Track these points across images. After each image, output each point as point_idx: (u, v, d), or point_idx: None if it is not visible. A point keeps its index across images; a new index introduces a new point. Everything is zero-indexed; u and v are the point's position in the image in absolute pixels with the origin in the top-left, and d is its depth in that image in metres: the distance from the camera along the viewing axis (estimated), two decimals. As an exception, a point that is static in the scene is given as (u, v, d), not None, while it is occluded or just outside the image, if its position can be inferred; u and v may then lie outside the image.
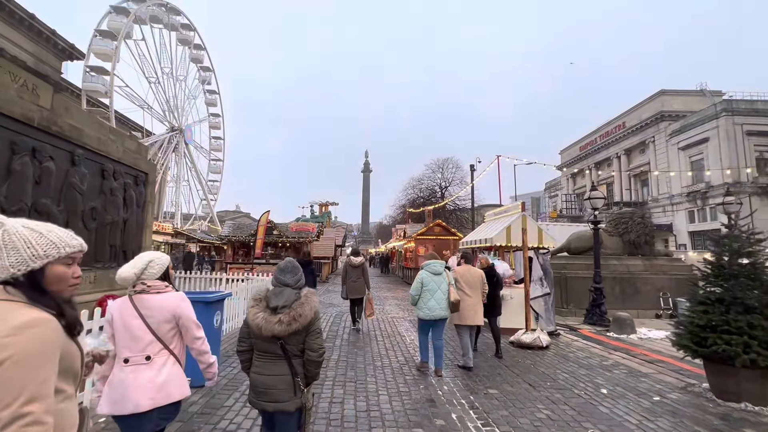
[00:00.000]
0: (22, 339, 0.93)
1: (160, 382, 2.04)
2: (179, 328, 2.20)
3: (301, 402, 2.19)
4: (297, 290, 2.28)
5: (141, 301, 2.12)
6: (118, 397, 2.00)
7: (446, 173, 35.23)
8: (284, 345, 2.17)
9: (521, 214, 8.19)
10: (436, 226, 19.48)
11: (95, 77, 31.83)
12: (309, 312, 2.19)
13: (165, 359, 2.12)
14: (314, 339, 2.23)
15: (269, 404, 2.17)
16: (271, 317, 2.14)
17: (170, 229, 26.93)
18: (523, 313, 7.75)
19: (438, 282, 5.14)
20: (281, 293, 2.23)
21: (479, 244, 8.97)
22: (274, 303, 2.19)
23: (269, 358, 2.21)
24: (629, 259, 11.23)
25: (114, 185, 6.09)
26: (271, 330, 2.11)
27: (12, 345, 0.91)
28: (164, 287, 2.21)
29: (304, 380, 2.24)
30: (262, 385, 2.18)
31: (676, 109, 32.96)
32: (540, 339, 6.72)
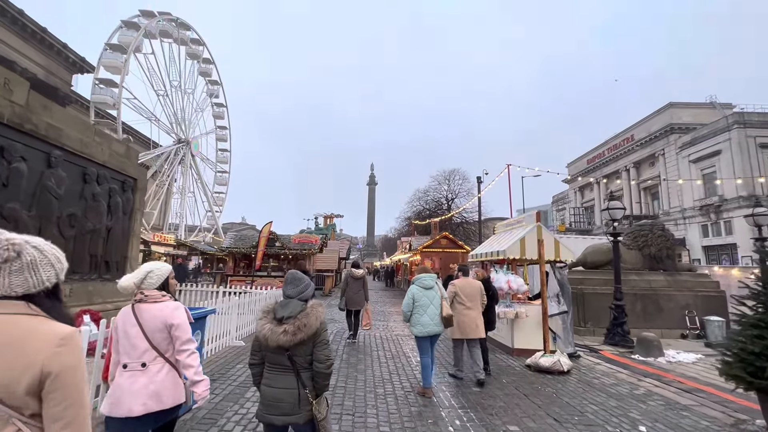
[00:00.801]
0: (71, 349, 1.10)
1: (154, 389, 2.11)
2: (171, 337, 2.23)
3: (312, 414, 2.17)
4: (303, 302, 2.29)
5: (140, 310, 2.22)
6: (115, 399, 2.10)
7: (453, 185, 34.77)
8: (292, 356, 2.16)
9: (536, 225, 7.61)
10: (443, 239, 18.89)
11: (104, 89, 32.18)
12: (314, 322, 2.18)
13: (160, 367, 2.17)
14: (321, 350, 2.22)
15: (278, 417, 2.14)
16: (277, 328, 2.14)
17: (172, 240, 26.58)
18: (539, 333, 7.09)
19: (430, 297, 4.97)
20: (287, 304, 2.25)
21: (490, 256, 8.38)
22: (280, 314, 2.20)
23: (278, 371, 2.20)
24: (650, 274, 10.53)
25: (97, 190, 5.66)
26: (276, 341, 2.11)
27: (67, 354, 1.07)
28: (161, 297, 2.28)
29: (314, 392, 2.21)
30: (271, 397, 2.17)
31: (686, 121, 32.66)
32: (560, 363, 6.05)
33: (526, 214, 8.40)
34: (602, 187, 42.63)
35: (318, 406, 2.20)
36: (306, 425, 2.18)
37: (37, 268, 1.16)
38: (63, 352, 1.07)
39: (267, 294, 9.77)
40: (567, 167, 52.30)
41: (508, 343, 7.49)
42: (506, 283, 7.01)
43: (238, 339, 7.51)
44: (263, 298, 9.43)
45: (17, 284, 1.13)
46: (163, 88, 40.84)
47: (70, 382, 1.06)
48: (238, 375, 5.31)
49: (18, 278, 1.13)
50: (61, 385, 1.05)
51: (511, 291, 7.04)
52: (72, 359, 1.09)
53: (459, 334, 5.37)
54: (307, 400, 2.17)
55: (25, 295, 1.13)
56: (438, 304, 4.96)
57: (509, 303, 7.18)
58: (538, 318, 7.21)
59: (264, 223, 18.52)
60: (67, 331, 1.11)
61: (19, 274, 1.13)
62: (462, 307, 5.39)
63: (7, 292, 1.11)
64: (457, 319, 5.33)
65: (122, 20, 34.18)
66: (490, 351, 7.58)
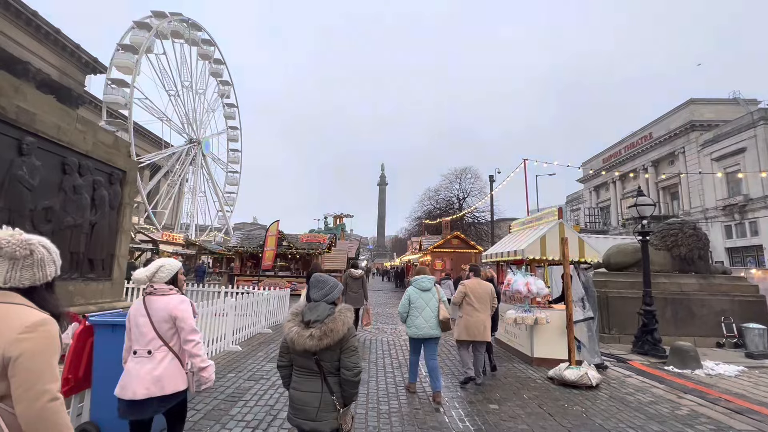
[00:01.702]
0: (35, 335, 1.17)
1: (156, 376, 2.25)
2: (176, 329, 2.37)
3: (338, 423, 2.12)
4: (332, 305, 2.24)
5: (149, 301, 2.38)
6: (124, 383, 2.26)
7: (464, 183, 33.95)
8: (319, 361, 2.12)
9: (558, 221, 6.94)
10: (454, 239, 18.21)
11: (116, 89, 32.41)
12: (341, 327, 2.13)
13: (164, 355, 2.31)
14: (349, 357, 2.16)
15: (304, 422, 2.12)
16: (304, 331, 2.12)
17: (181, 239, 26.48)
18: (561, 341, 6.43)
19: (426, 299, 4.86)
20: (315, 308, 2.21)
21: (506, 257, 7.73)
22: (307, 317, 2.17)
23: (306, 375, 2.17)
24: (681, 276, 9.70)
25: (79, 182, 5.22)
26: (303, 345, 2.09)
27: (28, 340, 1.15)
28: (168, 290, 2.44)
29: (341, 400, 2.16)
30: (298, 401, 2.15)
31: (708, 118, 31.61)
32: (588, 376, 5.38)
33: (545, 210, 7.72)
34: (618, 187, 41.40)
35: (344, 416, 2.16)
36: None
37: (44, 265, 1.31)
38: (26, 338, 1.14)
39: (268, 295, 9.28)
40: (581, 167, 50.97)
41: (527, 351, 6.84)
42: (525, 285, 6.36)
43: (234, 344, 7.01)
44: (264, 299, 8.95)
45: (26, 278, 1.28)
46: (174, 88, 41.03)
47: (27, 366, 1.12)
48: (227, 386, 4.80)
49: (28, 273, 1.28)
50: (21, 369, 1.11)
51: (530, 294, 6.39)
52: (33, 345, 1.14)
53: (466, 335, 5.19)
54: (333, 406, 2.13)
55: (32, 287, 1.28)
56: (434, 306, 4.83)
57: (528, 307, 6.53)
58: (560, 324, 6.55)
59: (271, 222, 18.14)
60: (35, 319, 1.19)
61: (29, 269, 1.28)
62: (471, 309, 5.23)
63: (16, 284, 1.26)
64: (465, 321, 5.21)
65: (134, 21, 34.40)
66: (507, 360, 6.98)
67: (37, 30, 28.06)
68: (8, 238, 1.28)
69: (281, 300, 10.42)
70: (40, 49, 29.18)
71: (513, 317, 6.46)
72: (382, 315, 12.63)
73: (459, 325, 5.32)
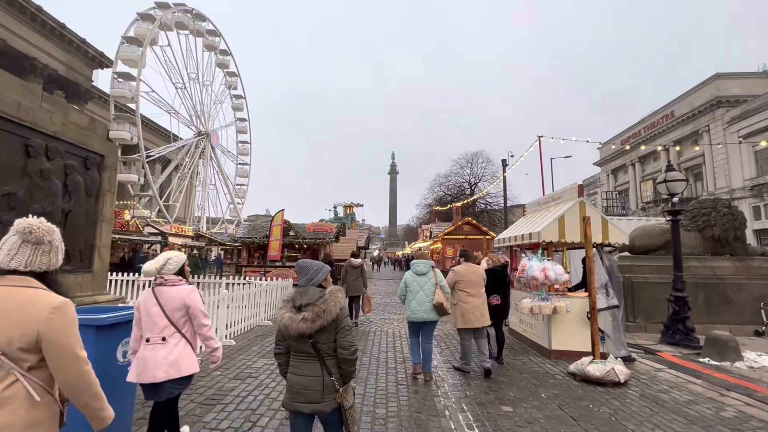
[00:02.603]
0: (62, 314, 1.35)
1: (172, 359, 2.47)
2: (189, 316, 2.61)
3: (338, 402, 2.13)
4: (321, 288, 2.26)
5: (160, 292, 2.59)
6: (141, 369, 2.47)
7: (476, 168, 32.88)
8: (315, 344, 2.13)
9: (579, 200, 6.25)
10: (465, 225, 17.54)
11: (122, 83, 32.30)
12: (333, 308, 2.14)
13: (177, 341, 2.54)
14: (344, 336, 2.18)
15: (305, 405, 2.12)
16: (296, 315, 2.12)
17: (190, 231, 26.47)
18: (582, 331, 5.81)
19: (421, 283, 4.91)
20: (305, 292, 2.22)
21: (520, 241, 7.07)
22: (298, 302, 2.19)
23: (303, 359, 2.17)
24: (714, 259, 8.88)
25: (46, 166, 4.77)
26: (297, 329, 2.09)
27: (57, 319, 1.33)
28: (178, 281, 2.66)
29: (340, 380, 2.18)
30: (297, 385, 2.15)
31: (735, 93, 29.83)
32: (615, 372, 4.76)
33: (563, 188, 7.01)
34: (638, 169, 39.81)
35: (345, 394, 2.16)
36: (333, 414, 2.15)
37: (57, 253, 1.49)
38: (54, 318, 1.32)
39: (267, 285, 8.85)
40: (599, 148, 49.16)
41: (543, 343, 6.24)
42: (541, 271, 5.73)
43: (228, 338, 6.61)
44: (263, 290, 8.53)
45: (43, 262, 1.43)
46: (181, 80, 40.80)
47: (61, 341, 1.32)
48: (209, 386, 4.36)
49: (45, 258, 1.44)
50: (56, 344, 1.31)
51: (547, 281, 5.75)
52: (61, 324, 1.34)
53: (462, 323, 5.10)
54: (333, 387, 2.14)
55: (45, 272, 1.43)
56: (429, 290, 4.85)
57: (545, 295, 5.91)
58: (581, 313, 5.93)
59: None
60: (59, 301, 1.38)
61: (46, 255, 1.44)
62: (464, 295, 5.12)
63: (34, 268, 1.40)
64: (460, 308, 5.11)
65: (138, 12, 34.08)
66: (522, 352, 6.41)
67: (42, 25, 27.96)
68: (38, 224, 1.43)
69: (284, 291, 10.01)
70: (46, 44, 29.15)
71: (529, 306, 5.85)
72: (389, 305, 12.15)
73: (455, 313, 5.21)
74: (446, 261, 16.92)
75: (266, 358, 5.61)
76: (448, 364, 5.61)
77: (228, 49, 47.91)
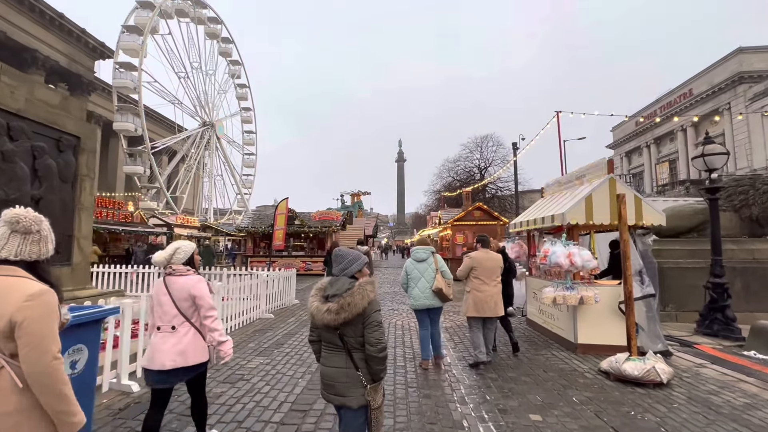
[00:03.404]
0: (36, 303, 1.33)
1: (181, 348, 2.48)
2: (196, 306, 2.59)
3: (365, 399, 2.03)
4: (352, 279, 2.17)
5: (170, 281, 2.60)
6: (151, 355, 2.52)
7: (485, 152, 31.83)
8: (342, 336, 2.06)
9: (608, 177, 5.55)
10: (476, 210, 16.80)
11: (124, 73, 31.87)
12: (360, 301, 2.02)
13: (186, 330, 2.54)
14: (372, 332, 2.05)
15: (334, 398, 2.09)
16: (322, 306, 2.07)
17: (197, 222, 26.25)
18: (613, 323, 5.22)
19: (421, 269, 4.83)
20: (336, 282, 2.16)
21: (540, 224, 6.43)
22: (327, 292, 2.14)
23: (331, 350, 2.12)
24: (753, 241, 8.12)
25: (8, 147, 4.27)
26: (321, 319, 2.04)
27: (30, 307, 1.31)
28: (186, 271, 2.65)
29: (368, 376, 2.07)
30: (326, 376, 2.12)
31: (759, 68, 28.28)
32: (656, 371, 4.15)
33: (589, 165, 6.31)
34: (653, 151, 38.40)
35: (373, 393, 2.06)
36: (359, 411, 2.05)
37: (47, 242, 1.50)
38: (28, 306, 1.30)
39: (267, 276, 8.37)
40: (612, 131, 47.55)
41: (568, 336, 5.65)
42: (566, 257, 5.10)
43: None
44: (263, 281, 8.05)
45: (33, 252, 1.44)
46: (183, 70, 40.20)
47: (31, 330, 1.29)
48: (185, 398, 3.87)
49: (35, 247, 1.45)
50: (25, 332, 1.29)
51: (573, 268, 5.13)
52: (34, 312, 1.31)
53: (474, 312, 4.83)
54: (359, 382, 2.04)
55: (35, 261, 1.44)
56: (430, 277, 4.76)
57: (570, 284, 5.28)
58: (610, 303, 5.32)
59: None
60: (35, 289, 1.35)
61: (36, 245, 1.45)
62: (478, 282, 4.85)
63: (25, 257, 1.41)
64: (473, 296, 4.85)
65: (137, 0, 33.33)
66: (544, 346, 5.85)
67: (41, 15, 27.47)
68: (25, 213, 1.47)
69: (287, 281, 9.54)
70: (46, 35, 28.69)
71: (552, 296, 5.25)
72: (398, 294, 11.63)
73: (467, 301, 4.95)
74: (456, 248, 16.28)
75: (263, 356, 5.14)
76: (463, 361, 5.06)
77: (230, 36, 47.02)
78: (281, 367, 4.70)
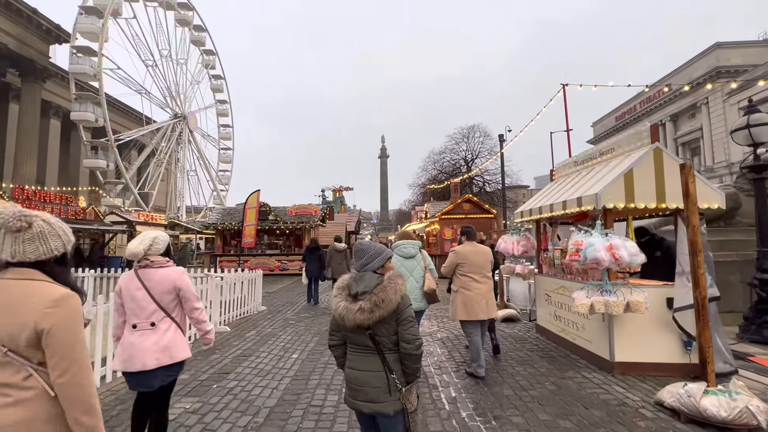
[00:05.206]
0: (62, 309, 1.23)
1: (164, 345, 2.32)
2: (180, 299, 2.46)
3: (401, 404, 1.90)
4: (379, 274, 2.02)
5: (145, 274, 2.40)
6: (127, 356, 2.31)
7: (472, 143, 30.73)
8: (374, 336, 1.92)
9: (653, 146, 4.33)
10: (466, 203, 15.64)
11: (82, 58, 29.32)
12: (394, 296, 1.90)
13: (168, 325, 2.39)
14: (407, 329, 1.93)
15: (365, 404, 1.91)
16: (352, 305, 1.90)
17: (163, 219, 24.23)
18: (660, 335, 4.03)
19: (409, 267, 4.25)
20: (362, 278, 1.99)
21: (558, 210, 5.18)
22: (354, 289, 1.96)
23: (361, 352, 1.97)
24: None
25: None
26: (353, 319, 1.88)
27: (55, 314, 1.22)
28: (165, 262, 2.49)
29: (402, 378, 1.94)
30: (356, 381, 1.95)
31: (735, 63, 28.81)
32: (749, 411, 2.92)
33: (623, 134, 5.09)
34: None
35: (408, 395, 1.94)
36: (396, 416, 1.91)
37: (47, 238, 1.32)
38: (53, 312, 1.21)
39: (222, 280, 6.86)
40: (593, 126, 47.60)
41: (600, 351, 4.42)
42: (607, 251, 3.84)
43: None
44: (213, 287, 6.53)
45: (30, 251, 1.29)
46: (151, 57, 37.59)
47: (60, 338, 1.21)
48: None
49: (30, 246, 1.29)
50: (53, 340, 1.20)
51: (615, 265, 3.88)
52: (61, 319, 1.22)
53: (465, 314, 4.32)
54: (394, 385, 1.90)
55: (38, 262, 1.30)
56: (419, 276, 4.29)
57: (608, 286, 4.03)
58: (656, 308, 4.12)
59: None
60: (59, 294, 1.25)
61: (31, 243, 1.29)
62: (467, 280, 4.36)
63: (22, 258, 1.28)
64: (461, 296, 4.34)
65: (96, -22, 30.64)
66: (567, 363, 4.55)
67: (-18, -8, 24.80)
68: (2, 209, 1.32)
69: (251, 284, 8.05)
70: (-10, 16, 25.95)
71: (587, 303, 3.99)
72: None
73: (455, 302, 4.41)
74: (445, 243, 15.09)
75: (193, 396, 3.68)
76: (470, 400, 3.75)
77: (203, 24, 44.54)
78: (214, 418, 3.24)
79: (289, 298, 10.30)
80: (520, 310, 7.47)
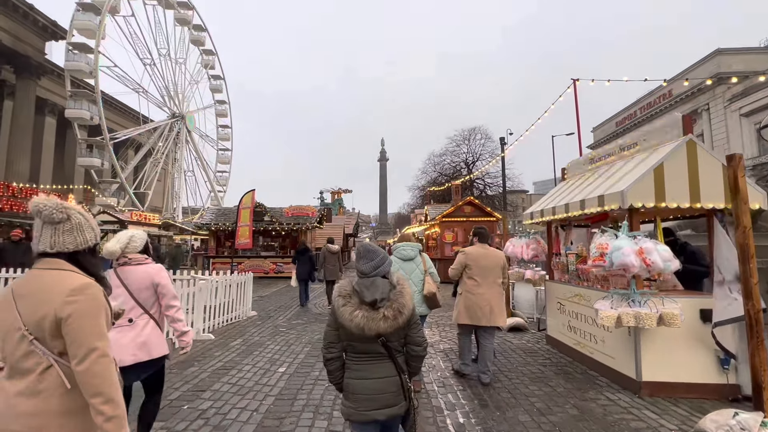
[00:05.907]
0: (81, 297, 1.27)
1: (141, 342, 2.31)
2: (158, 295, 2.47)
3: (409, 403, 1.92)
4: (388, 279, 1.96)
5: (124, 272, 2.41)
6: None
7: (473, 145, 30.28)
8: (386, 342, 1.88)
9: (686, 138, 3.86)
10: (467, 205, 15.16)
11: (78, 55, 28.86)
12: (409, 301, 1.91)
13: (145, 322, 2.38)
14: (417, 331, 1.97)
15: (379, 412, 1.85)
16: (374, 314, 1.82)
17: (158, 219, 23.70)
18: (693, 350, 3.55)
19: (408, 270, 4.04)
20: (373, 284, 1.89)
21: (575, 210, 4.70)
22: (370, 297, 1.85)
23: (372, 360, 1.91)
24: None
25: None
26: (375, 328, 1.81)
27: (75, 302, 1.25)
28: (144, 259, 2.51)
29: (407, 376, 1.96)
30: (369, 390, 1.86)
31: (737, 69, 28.58)
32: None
33: (651, 125, 4.62)
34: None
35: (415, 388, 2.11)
36: (405, 416, 1.95)
37: (83, 230, 1.40)
38: (72, 300, 1.25)
39: (205, 284, 6.33)
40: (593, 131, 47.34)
41: (625, 369, 3.91)
42: (637, 256, 3.35)
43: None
44: (201, 290, 6.02)
45: (69, 242, 1.36)
46: (149, 56, 37.22)
47: (77, 325, 1.23)
48: None
49: (69, 237, 1.36)
50: (71, 328, 1.23)
51: (648, 271, 3.39)
52: (80, 307, 1.25)
53: (467, 318, 4.17)
54: (407, 386, 1.93)
55: (74, 252, 1.36)
56: (418, 279, 4.04)
57: (636, 295, 3.55)
58: (692, 323, 3.63)
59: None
60: (78, 283, 1.29)
61: (69, 234, 1.36)
62: (473, 284, 4.21)
63: (61, 248, 1.34)
64: (465, 300, 4.21)
65: (93, -24, 30.28)
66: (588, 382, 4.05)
67: (-24, -14, 24.37)
68: (45, 202, 1.35)
69: (240, 288, 7.53)
70: (-15, 10, 25.50)
71: (613, 315, 3.49)
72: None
73: (458, 305, 4.32)
74: (445, 247, 14.60)
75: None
76: (476, 410, 3.25)
77: (203, 24, 44.24)
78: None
79: (282, 302, 9.78)
80: (526, 318, 6.98)
